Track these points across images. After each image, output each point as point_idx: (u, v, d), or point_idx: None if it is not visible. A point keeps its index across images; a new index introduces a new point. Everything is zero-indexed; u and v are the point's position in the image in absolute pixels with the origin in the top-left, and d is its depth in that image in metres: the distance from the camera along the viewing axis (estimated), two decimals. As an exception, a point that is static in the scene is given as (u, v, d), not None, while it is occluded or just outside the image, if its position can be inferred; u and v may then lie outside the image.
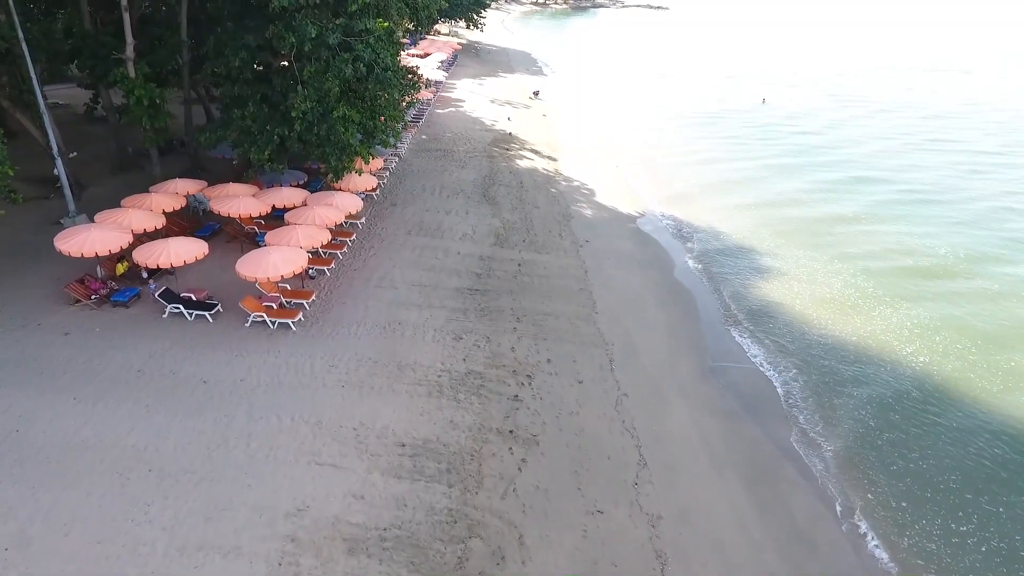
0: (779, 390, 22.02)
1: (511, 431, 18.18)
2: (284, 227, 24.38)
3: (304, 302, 23.28)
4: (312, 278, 25.47)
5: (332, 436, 17.09)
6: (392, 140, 32.50)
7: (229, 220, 27.34)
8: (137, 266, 23.22)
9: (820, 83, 78.88)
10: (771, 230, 35.28)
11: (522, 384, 20.28)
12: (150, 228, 24.28)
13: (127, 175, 34.80)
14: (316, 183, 32.56)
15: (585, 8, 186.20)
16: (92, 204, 30.11)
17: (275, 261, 21.32)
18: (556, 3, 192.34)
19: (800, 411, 21.10)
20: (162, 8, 35.52)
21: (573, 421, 18.95)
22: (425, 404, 18.72)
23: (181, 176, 34.14)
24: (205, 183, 28.72)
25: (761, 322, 26.21)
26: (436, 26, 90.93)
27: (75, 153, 32.61)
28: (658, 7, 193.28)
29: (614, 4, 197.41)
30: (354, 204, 27.76)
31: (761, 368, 23.19)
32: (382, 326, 22.50)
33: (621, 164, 46.32)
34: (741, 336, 25.07)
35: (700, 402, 20.87)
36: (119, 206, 25.64)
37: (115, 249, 22.30)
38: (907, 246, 33.43)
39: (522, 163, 43.37)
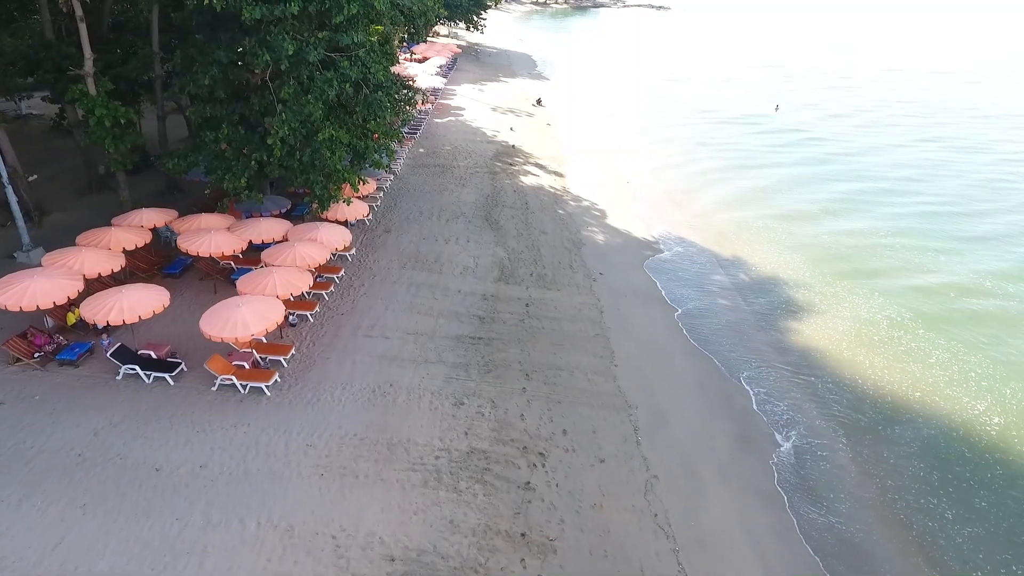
0: (835, 464, 18.98)
1: (523, 534, 15.13)
2: (258, 271, 21.26)
3: (282, 359, 20.23)
4: (292, 325, 22.42)
5: (306, 549, 14.03)
6: (386, 160, 29.46)
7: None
8: (89, 317, 20.16)
9: (828, 86, 76.09)
10: (801, 254, 32.46)
11: (534, 466, 17.23)
12: (106, 272, 21.19)
13: (97, 197, 31.85)
14: (302, 208, 29.52)
15: (586, 8, 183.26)
16: (55, 232, 27.21)
17: (245, 317, 18.23)
18: (556, 3, 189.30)
19: (864, 493, 18.02)
20: (141, 14, 32.32)
21: (596, 517, 15.89)
22: (420, 498, 15.66)
23: (157, 197, 31.40)
24: (175, 213, 25.61)
25: (803, 371, 23.23)
26: (435, 27, 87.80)
27: (35, 176, 29.52)
28: (660, 7, 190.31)
29: (615, 4, 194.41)
30: (342, 238, 24.68)
31: (808, 434, 20.15)
32: (371, 389, 19.43)
33: (632, 179, 43.28)
34: (783, 393, 22.02)
35: (743, 483, 17.81)
36: (75, 243, 22.61)
37: (61, 301, 19.23)
38: (959, 277, 30.47)
39: (527, 180, 40.30)
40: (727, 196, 40.64)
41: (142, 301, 18.98)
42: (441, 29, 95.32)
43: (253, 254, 24.50)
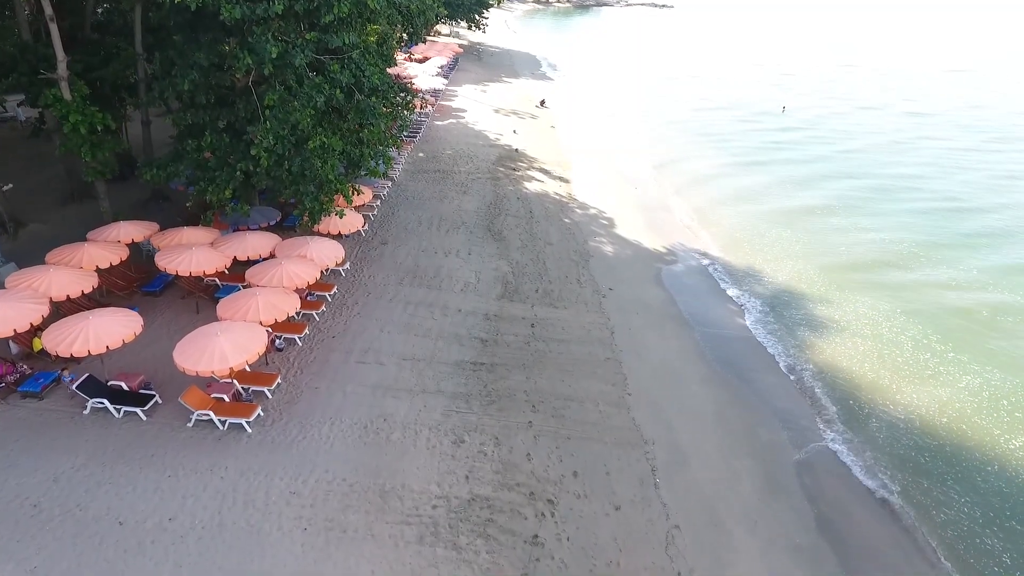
0: (879, 511, 17.22)
1: (530, 600, 13.46)
2: (241, 293, 19.56)
3: (266, 389, 18.52)
4: (279, 350, 20.73)
5: (284, 622, 12.37)
6: (383, 168, 27.76)
7: (183, 271, 22.57)
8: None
9: (831, 85, 74.80)
10: (819, 264, 30.88)
11: (542, 515, 15.52)
12: (75, 294, 19.49)
13: (79, 207, 30.08)
14: (294, 219, 27.80)
15: (588, 7, 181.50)
16: (32, 245, 25.48)
17: (223, 347, 16.53)
18: (559, 2, 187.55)
19: (918, 550, 16.25)
20: (128, 14, 30.52)
21: (613, 578, 14.21)
22: (415, 557, 13.96)
23: (141, 207, 29.76)
24: (155, 226, 23.91)
25: (829, 398, 21.53)
26: (436, 26, 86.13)
27: (10, 185, 27.82)
28: (662, 5, 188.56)
29: (618, 3, 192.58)
30: (334, 254, 22.99)
31: (842, 471, 18.43)
32: (362, 425, 17.73)
33: (640, 184, 41.57)
34: (808, 423, 20.31)
35: (773, 533, 16.08)
36: (44, 262, 20.96)
37: (22, 328, 17.58)
38: (991, 290, 28.73)
39: (531, 186, 38.59)
40: (737, 200, 39.00)
41: (111, 329, 17.28)
42: (443, 28, 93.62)
43: (240, 269, 22.82)
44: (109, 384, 17.93)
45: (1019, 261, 31.85)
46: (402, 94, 28.30)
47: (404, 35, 44.08)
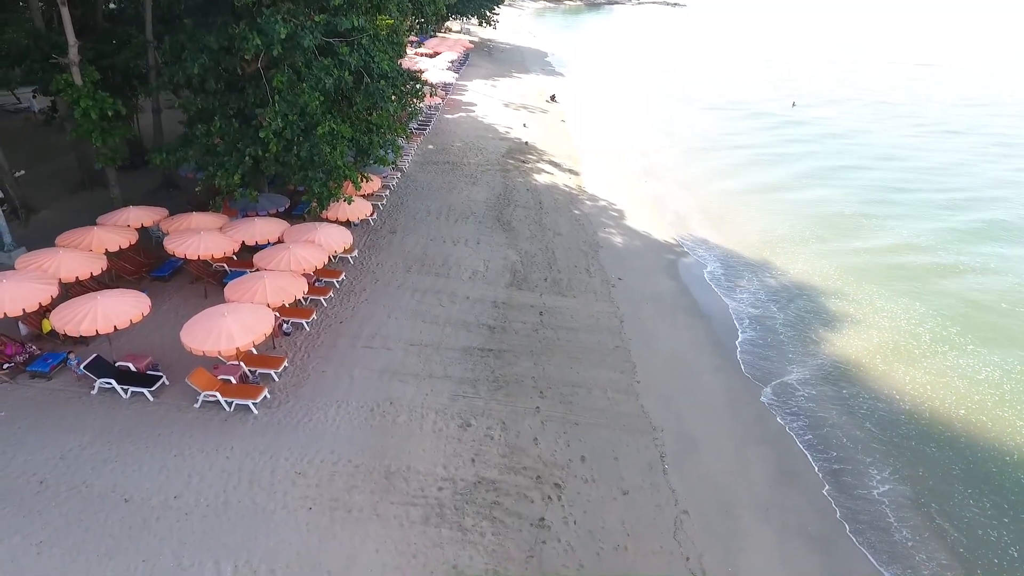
0: (886, 499, 16.92)
1: (537, 582, 13.28)
2: (249, 276, 19.49)
3: (273, 372, 18.47)
4: (287, 334, 20.68)
5: (287, 599, 12.27)
6: (391, 157, 27.67)
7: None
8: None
9: (840, 81, 74.09)
10: (832, 257, 30.37)
11: (549, 499, 15.34)
12: (84, 275, 19.53)
13: (90, 195, 30.21)
14: (302, 207, 27.80)
15: (600, 5, 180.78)
16: (43, 231, 25.50)
17: (230, 328, 16.47)
18: (570, 0, 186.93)
19: (931, 538, 15.93)
20: (139, 2, 30.58)
21: (620, 562, 13.98)
22: (419, 538, 13.82)
23: (151, 194, 29.85)
24: (165, 212, 23.96)
25: (843, 389, 21.17)
26: (447, 23, 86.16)
27: (22, 171, 27.97)
28: (675, 4, 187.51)
29: (629, 1, 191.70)
30: (342, 240, 22.91)
31: (852, 462, 18.11)
32: (369, 408, 17.62)
33: (650, 178, 41.25)
34: (822, 414, 19.99)
35: (784, 520, 15.81)
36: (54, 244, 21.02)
37: (31, 307, 17.58)
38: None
39: (540, 178, 38.40)
40: (748, 196, 38.46)
41: (118, 309, 17.26)
42: (453, 25, 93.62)
43: (248, 255, 22.79)
44: (117, 365, 17.94)
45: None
46: (411, 82, 28.17)
47: (416, 26, 43.90)
